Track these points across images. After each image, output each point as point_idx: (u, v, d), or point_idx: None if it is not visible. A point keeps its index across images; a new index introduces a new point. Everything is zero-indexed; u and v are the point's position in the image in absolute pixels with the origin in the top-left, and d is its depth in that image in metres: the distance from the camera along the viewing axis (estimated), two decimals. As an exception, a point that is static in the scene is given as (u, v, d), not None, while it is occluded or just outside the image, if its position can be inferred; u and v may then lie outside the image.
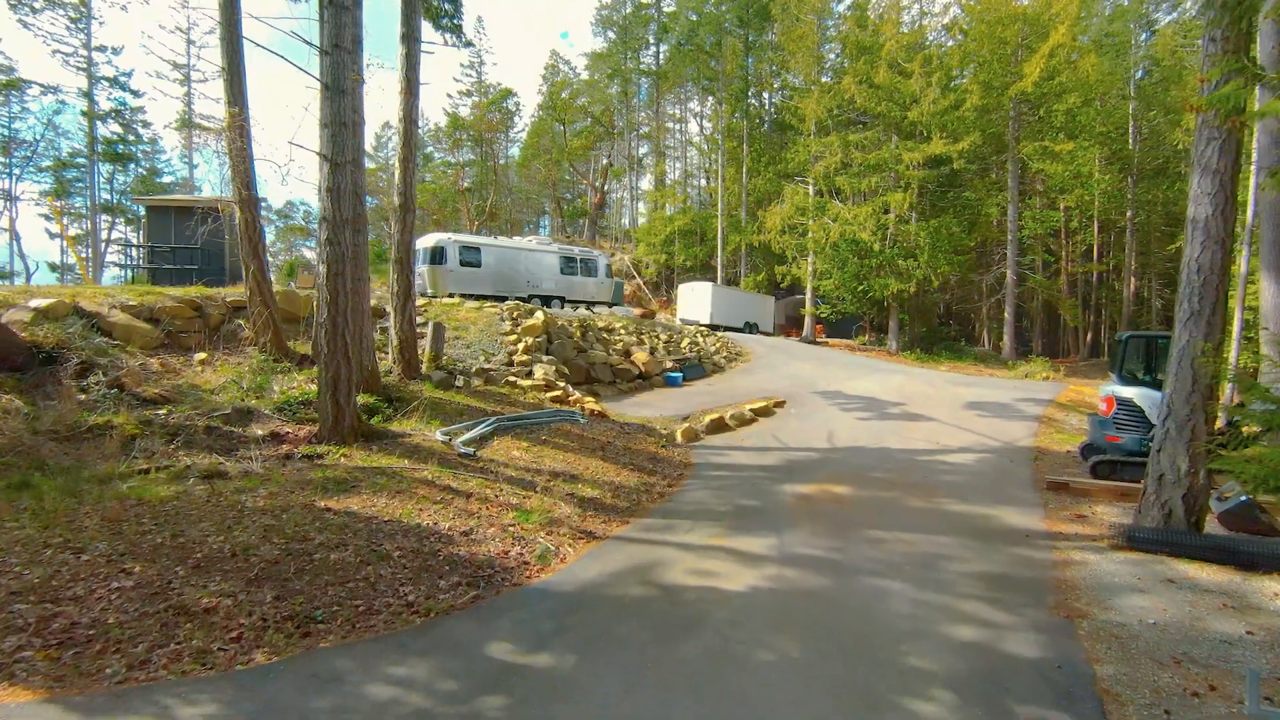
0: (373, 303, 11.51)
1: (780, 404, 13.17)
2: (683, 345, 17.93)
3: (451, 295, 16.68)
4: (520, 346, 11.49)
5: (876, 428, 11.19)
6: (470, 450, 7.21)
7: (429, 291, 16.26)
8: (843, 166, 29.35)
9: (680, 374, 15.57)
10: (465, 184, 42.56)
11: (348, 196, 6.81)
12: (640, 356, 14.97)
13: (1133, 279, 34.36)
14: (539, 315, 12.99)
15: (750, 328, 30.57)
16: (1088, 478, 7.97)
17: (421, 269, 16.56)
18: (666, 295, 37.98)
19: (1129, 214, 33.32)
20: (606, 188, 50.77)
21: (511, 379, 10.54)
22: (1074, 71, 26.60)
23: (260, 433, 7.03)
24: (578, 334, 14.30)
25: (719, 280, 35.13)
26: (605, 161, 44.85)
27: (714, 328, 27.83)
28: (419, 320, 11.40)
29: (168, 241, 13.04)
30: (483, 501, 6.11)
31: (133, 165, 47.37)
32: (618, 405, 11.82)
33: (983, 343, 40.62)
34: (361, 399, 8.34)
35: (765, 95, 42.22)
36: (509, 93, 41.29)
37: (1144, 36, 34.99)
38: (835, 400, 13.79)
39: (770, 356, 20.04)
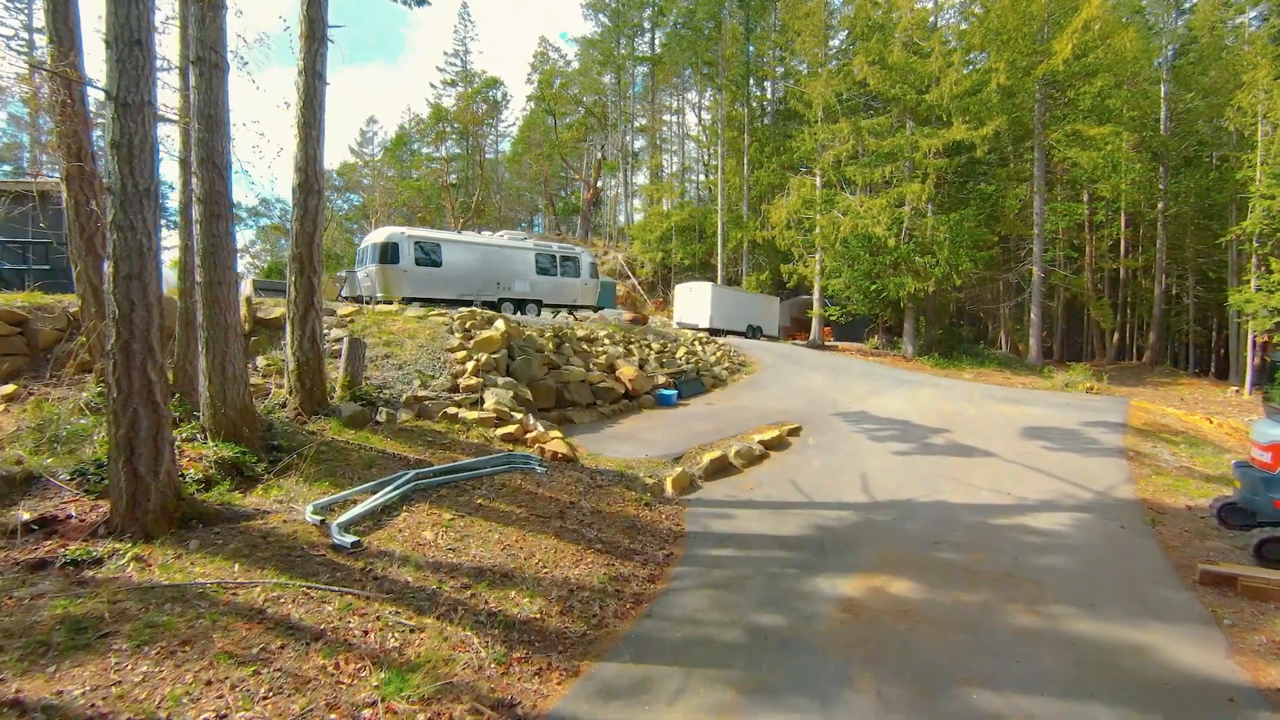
0: (278, 313, 9.12)
1: (795, 431, 10.77)
2: (678, 355, 15.53)
3: (407, 301, 14.27)
4: (469, 366, 9.07)
5: (922, 467, 8.78)
6: (346, 541, 4.79)
7: (379, 296, 13.84)
8: (853, 155, 27.00)
9: (675, 391, 13.18)
10: (450, 179, 40.15)
11: (148, 155, 4.40)
12: (627, 372, 12.57)
13: (1163, 276, 31.95)
14: (499, 324, 10.58)
15: (753, 331, 28.18)
16: (1253, 563, 5.57)
17: (370, 269, 14.17)
18: (663, 296, 35.58)
19: (1160, 205, 30.88)
20: (600, 183, 48.40)
21: (453, 410, 8.13)
22: (1108, 48, 24.16)
23: (26, 517, 4.62)
24: (550, 346, 11.89)
25: (719, 280, 32.74)
26: (598, 155, 42.42)
27: (714, 332, 25.46)
28: (337, 335, 9.01)
29: (15, 235, 10.55)
30: (334, 650, 3.70)
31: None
32: (594, 438, 9.41)
33: (999, 345, 38.28)
34: (221, 451, 5.94)
35: (768, 85, 39.82)
36: (495, 82, 38.90)
37: (1174, 15, 32.52)
38: (861, 425, 11.39)
39: (778, 366, 17.64)
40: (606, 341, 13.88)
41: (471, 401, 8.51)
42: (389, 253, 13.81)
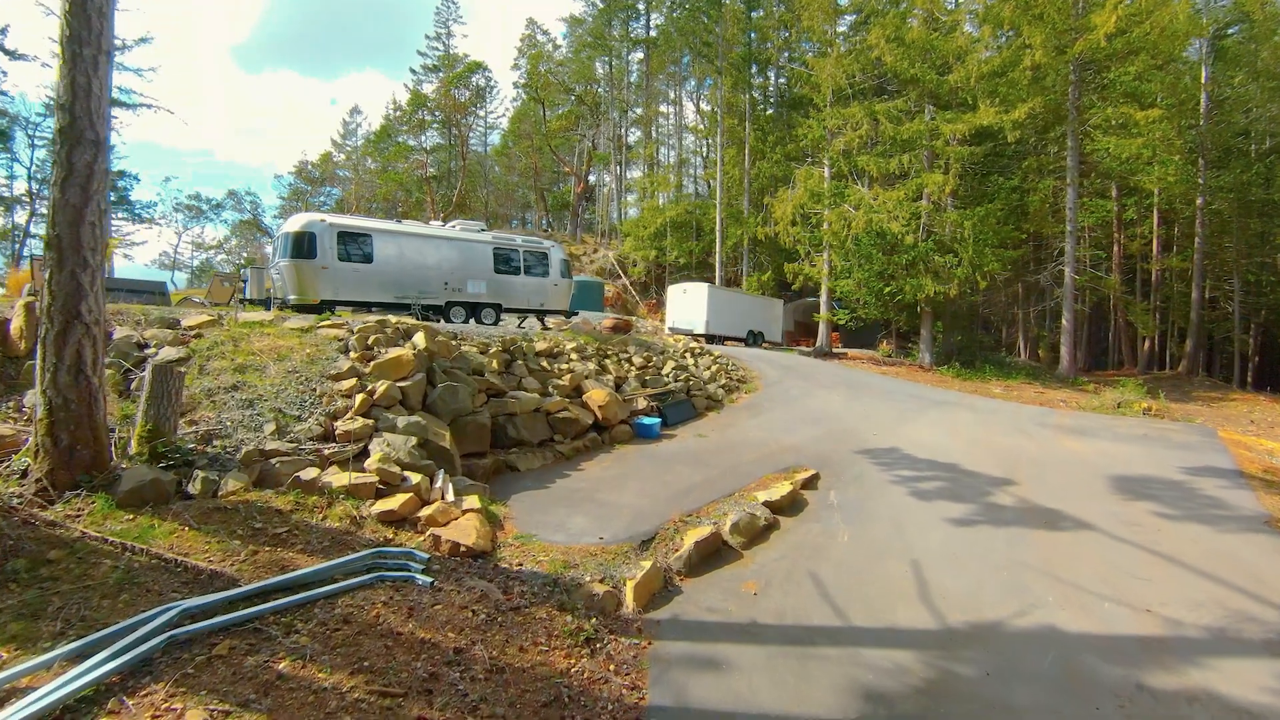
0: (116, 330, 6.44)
1: (812, 481, 8.17)
2: (664, 371, 12.92)
3: (330, 305, 11.64)
4: (356, 401, 6.43)
5: (998, 550, 6.15)
6: None
7: (292, 299, 11.23)
8: (866, 144, 24.40)
9: (659, 419, 10.59)
10: (430, 171, 37.47)
11: None
12: (597, 396, 9.96)
13: (1202, 278, 29.30)
14: (417, 339, 7.94)
15: (754, 338, 25.60)
16: None
17: (281, 265, 11.53)
18: (656, 298, 32.96)
19: (1199, 201, 28.26)
20: (594, 179, 45.77)
21: (311, 474, 5.49)
22: (1153, 23, 21.49)
23: None
24: (494, 366, 9.26)
25: (717, 281, 30.12)
26: (589, 146, 39.77)
27: (710, 339, 22.91)
28: (167, 357, 6.37)
29: None
30: None
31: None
32: (536, 502, 6.80)
33: (1017, 352, 35.72)
34: None
35: (770, 74, 37.22)
36: (477, 66, 36.19)
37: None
38: (895, 470, 8.77)
39: (784, 382, 15.04)
40: (574, 357, 11.25)
41: (349, 456, 5.87)
42: (304, 245, 11.15)
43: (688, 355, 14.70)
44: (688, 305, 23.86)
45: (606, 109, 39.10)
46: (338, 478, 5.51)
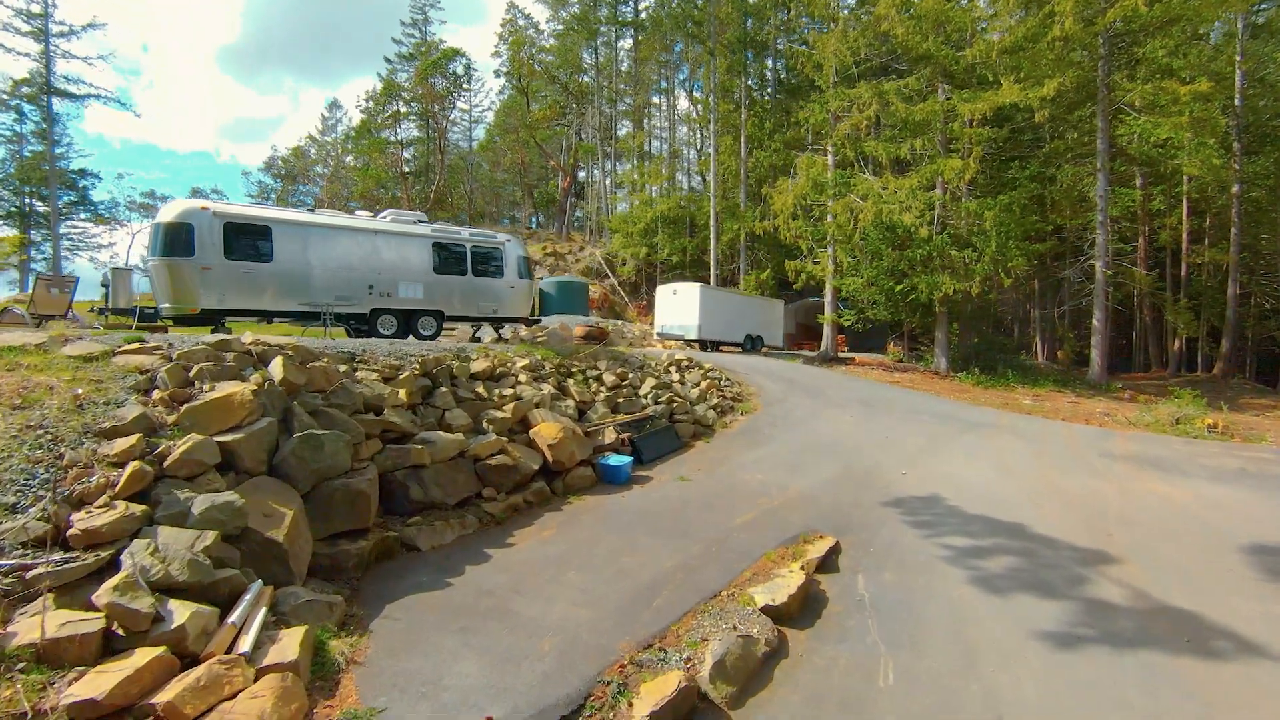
0: None
1: (830, 557, 5.89)
2: (642, 392, 10.62)
3: (218, 315, 9.32)
4: (125, 473, 4.12)
5: (1140, 715, 3.83)
6: None
7: (165, 306, 8.93)
8: (873, 128, 22.14)
9: (630, 457, 8.31)
10: (407, 165, 35.08)
11: None
12: (546, 431, 7.67)
13: (1239, 272, 27.00)
14: (275, 367, 5.62)
15: (752, 342, 23.28)
16: None
17: (152, 264, 9.19)
18: (647, 299, 30.67)
19: (1235, 189, 25.98)
20: (583, 173, 43.43)
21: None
22: (1192, -12, 19.22)
23: None
24: (403, 396, 6.96)
25: (712, 280, 27.82)
26: (575, 138, 37.42)
27: (704, 345, 20.62)
28: None
29: None
30: None
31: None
32: (417, 621, 4.51)
33: (1034, 353, 33.43)
34: None
35: (768, 59, 34.87)
36: (454, 53, 33.79)
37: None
38: (941, 534, 6.47)
39: (788, 400, 12.74)
40: (524, 378, 8.94)
41: (84, 569, 3.56)
42: (179, 239, 8.81)
43: (673, 369, 12.40)
44: (678, 308, 21.57)
45: (594, 98, 36.77)
46: (29, 627, 3.20)
